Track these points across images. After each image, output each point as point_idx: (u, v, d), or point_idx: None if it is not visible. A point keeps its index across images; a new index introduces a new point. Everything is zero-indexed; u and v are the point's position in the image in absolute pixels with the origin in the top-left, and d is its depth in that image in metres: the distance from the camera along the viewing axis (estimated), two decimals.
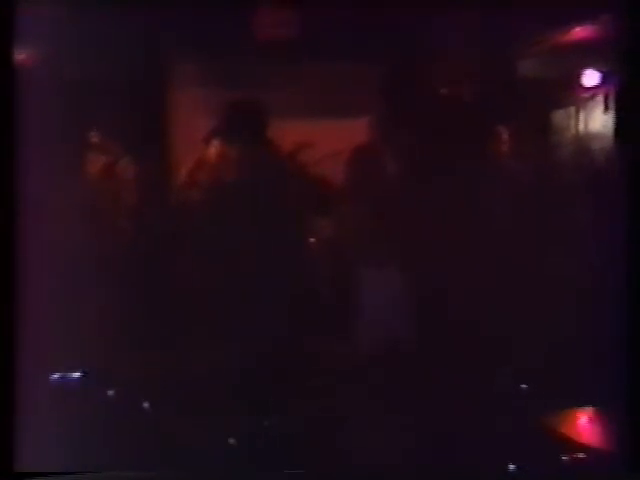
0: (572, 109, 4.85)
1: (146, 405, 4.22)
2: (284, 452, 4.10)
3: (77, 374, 4.19)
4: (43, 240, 4.04)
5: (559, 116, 4.87)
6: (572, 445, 4.11)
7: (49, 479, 3.74)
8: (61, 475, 3.75)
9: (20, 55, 3.87)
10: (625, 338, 3.91)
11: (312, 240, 4.73)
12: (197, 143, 4.57)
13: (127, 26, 4.12)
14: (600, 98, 4.65)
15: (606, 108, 4.60)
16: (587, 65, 4.65)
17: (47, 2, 4.05)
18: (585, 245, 4.41)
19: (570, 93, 4.79)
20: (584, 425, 4.25)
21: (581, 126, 4.83)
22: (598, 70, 4.62)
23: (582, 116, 4.83)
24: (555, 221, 4.54)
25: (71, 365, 4.17)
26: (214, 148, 4.60)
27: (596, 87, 4.67)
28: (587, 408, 4.28)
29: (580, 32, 4.58)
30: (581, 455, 4.07)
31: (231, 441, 4.15)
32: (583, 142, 4.78)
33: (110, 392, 4.21)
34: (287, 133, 4.54)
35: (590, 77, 4.69)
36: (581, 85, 4.74)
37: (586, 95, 4.76)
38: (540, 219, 4.53)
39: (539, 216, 4.54)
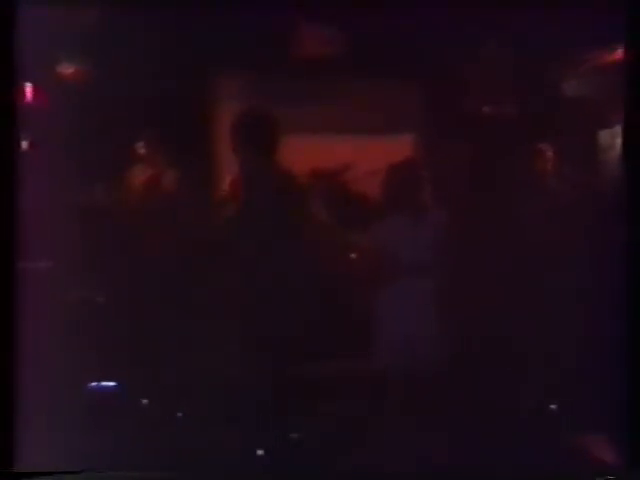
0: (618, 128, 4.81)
1: (146, 405, 4.21)
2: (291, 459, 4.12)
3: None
4: (47, 242, 4.08)
5: (605, 135, 4.83)
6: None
7: (49, 479, 3.76)
8: (61, 475, 3.77)
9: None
10: (625, 338, 3.92)
11: (353, 256, 4.74)
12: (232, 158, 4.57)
13: (134, 26, 4.14)
14: None
15: None
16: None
17: (47, 2, 4.09)
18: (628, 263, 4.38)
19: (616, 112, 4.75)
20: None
21: (611, 148, 4.79)
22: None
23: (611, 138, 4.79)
24: (601, 241, 4.49)
25: (71, 365, 4.16)
26: (249, 162, 4.61)
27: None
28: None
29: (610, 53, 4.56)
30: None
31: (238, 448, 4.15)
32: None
33: (110, 392, 4.20)
34: (325, 150, 4.54)
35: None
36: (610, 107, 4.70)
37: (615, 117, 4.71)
38: (585, 239, 4.49)
39: (584, 236, 4.49)
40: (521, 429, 4.17)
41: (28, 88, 4.10)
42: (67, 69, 4.22)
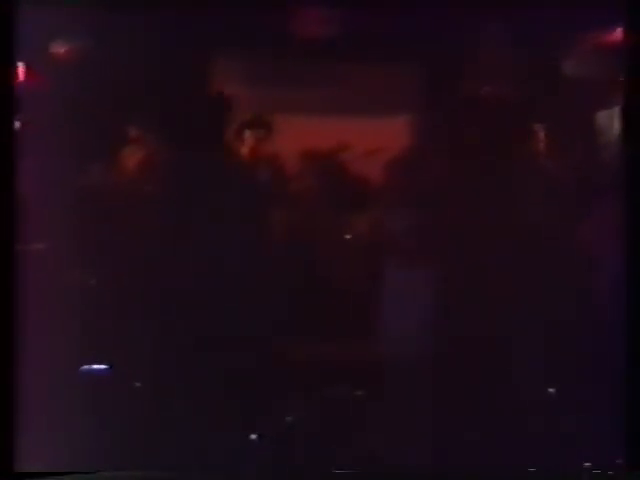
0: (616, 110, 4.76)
1: (145, 406, 4.20)
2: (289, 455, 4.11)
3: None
4: (45, 236, 4.06)
5: (603, 117, 4.78)
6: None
7: (49, 479, 3.77)
8: (61, 475, 3.78)
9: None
10: (625, 338, 3.91)
11: (347, 237, 4.72)
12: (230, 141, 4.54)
13: (134, 26, 4.11)
14: None
15: None
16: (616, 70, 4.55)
17: (47, 2, 4.05)
18: (612, 254, 4.33)
19: (613, 96, 4.70)
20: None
21: (608, 132, 4.75)
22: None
23: (609, 122, 4.74)
24: (600, 225, 4.46)
25: (71, 366, 4.17)
26: (247, 145, 4.59)
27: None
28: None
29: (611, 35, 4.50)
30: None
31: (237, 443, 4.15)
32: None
33: (110, 393, 4.20)
34: (321, 131, 4.52)
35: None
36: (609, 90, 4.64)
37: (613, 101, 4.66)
38: (582, 222, 4.46)
39: (581, 219, 4.47)
40: (519, 427, 4.17)
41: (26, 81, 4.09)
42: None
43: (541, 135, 4.69)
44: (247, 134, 4.56)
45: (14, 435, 3.80)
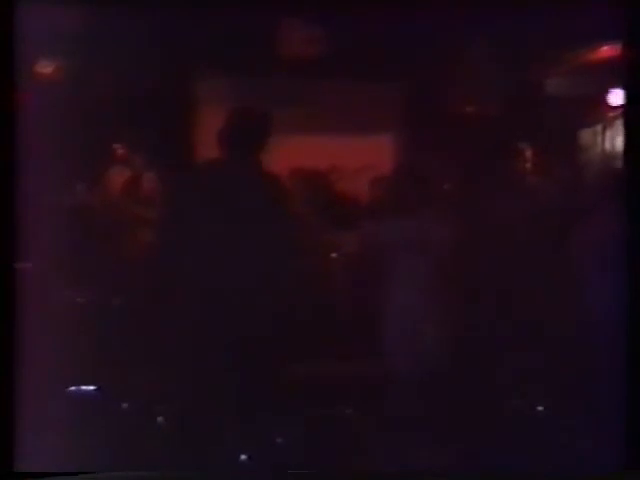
0: (599, 127, 4.82)
1: (145, 406, 4.23)
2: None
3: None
4: (45, 249, 4.09)
5: (585, 135, 4.84)
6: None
7: (49, 479, 3.79)
8: (61, 475, 3.79)
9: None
10: (625, 338, 3.92)
11: (334, 255, 4.74)
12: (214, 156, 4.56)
13: (133, 26, 4.15)
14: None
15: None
16: (613, 84, 4.60)
17: (47, 2, 4.10)
18: (611, 260, 4.36)
19: (596, 112, 4.75)
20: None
21: (607, 144, 4.80)
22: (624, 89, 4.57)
23: (608, 135, 4.79)
24: (581, 237, 4.49)
25: (71, 368, 4.19)
26: (239, 162, 4.60)
27: (622, 106, 4.62)
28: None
29: (607, 51, 4.55)
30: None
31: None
32: (609, 160, 4.74)
33: (109, 394, 4.22)
34: (306, 149, 4.54)
35: (616, 96, 4.64)
36: (607, 104, 4.69)
37: (612, 114, 4.71)
38: (565, 236, 4.49)
39: (564, 232, 4.49)
40: (520, 429, 4.20)
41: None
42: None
43: (537, 148, 4.75)
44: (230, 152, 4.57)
45: (14, 435, 3.82)
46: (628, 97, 4.10)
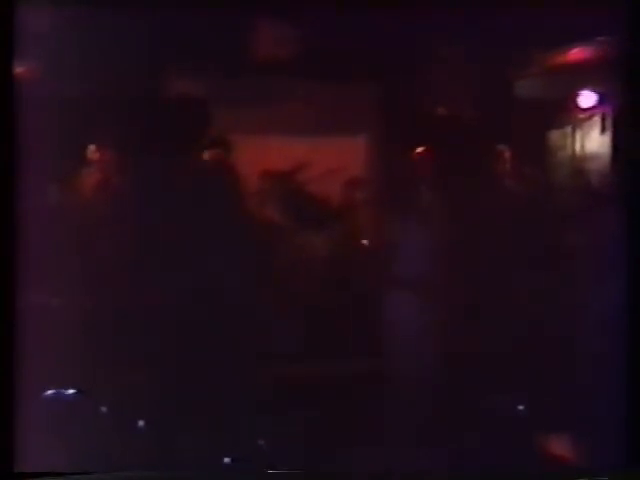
0: (569, 129, 4.87)
1: (144, 407, 4.22)
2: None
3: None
4: (41, 253, 4.06)
5: (556, 136, 4.88)
6: (571, 445, 4.18)
7: (49, 479, 3.76)
8: (61, 475, 3.77)
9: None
10: (625, 338, 3.97)
11: (305, 256, 4.73)
12: (195, 158, 4.56)
13: (126, 29, 4.14)
14: (597, 119, 4.68)
15: (603, 129, 4.63)
16: (584, 86, 4.67)
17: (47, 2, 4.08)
18: (585, 262, 4.44)
19: (567, 114, 4.81)
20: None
21: (578, 146, 4.85)
22: (595, 91, 4.65)
23: (579, 136, 4.84)
24: (553, 240, 4.56)
25: (71, 369, 4.16)
26: (210, 163, 4.60)
27: (593, 108, 4.69)
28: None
29: (578, 53, 4.61)
30: (580, 455, 4.13)
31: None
32: (580, 162, 4.79)
33: (109, 394, 4.21)
34: (283, 150, 4.54)
35: (587, 98, 4.71)
36: (578, 106, 4.76)
37: (583, 116, 4.77)
38: (538, 237, 4.55)
39: (537, 234, 4.55)
40: (519, 428, 4.24)
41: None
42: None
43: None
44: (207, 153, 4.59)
45: (14, 435, 3.79)
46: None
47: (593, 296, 4.33)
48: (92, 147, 4.41)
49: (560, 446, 4.23)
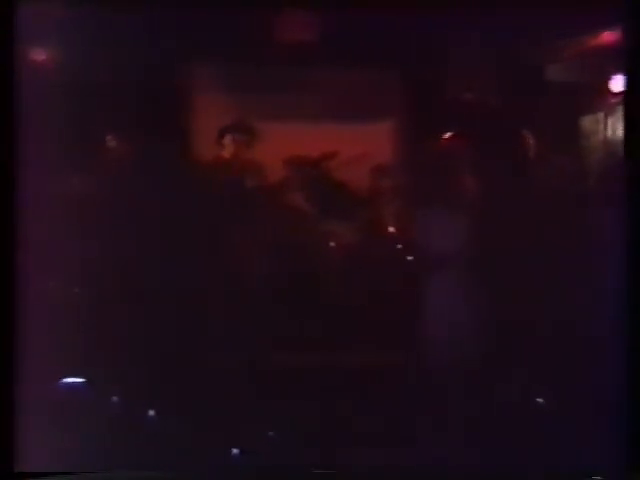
0: (601, 115, 4.78)
1: (144, 406, 4.22)
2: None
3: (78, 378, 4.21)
4: (43, 244, 4.07)
5: (587, 122, 4.80)
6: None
7: (49, 479, 3.79)
8: (61, 475, 3.80)
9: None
10: (625, 338, 3.93)
11: (332, 244, 4.71)
12: (211, 146, 4.54)
13: (133, 26, 4.12)
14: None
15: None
16: (616, 70, 4.56)
17: (47, 2, 4.07)
18: (612, 251, 4.35)
19: (598, 99, 4.71)
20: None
21: (609, 132, 4.76)
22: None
23: (610, 122, 4.76)
24: (581, 227, 4.48)
25: (71, 367, 4.18)
26: (230, 152, 4.58)
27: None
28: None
29: (608, 37, 4.51)
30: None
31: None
32: (611, 147, 4.70)
33: (109, 393, 4.22)
34: (306, 137, 4.52)
35: (618, 82, 4.60)
36: (610, 90, 4.66)
37: (614, 101, 4.67)
38: (566, 224, 4.47)
39: (565, 221, 4.47)
40: (520, 428, 4.18)
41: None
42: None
43: (538, 140, 4.72)
44: (229, 140, 4.56)
45: (14, 435, 3.83)
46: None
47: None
48: (108, 138, 4.42)
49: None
